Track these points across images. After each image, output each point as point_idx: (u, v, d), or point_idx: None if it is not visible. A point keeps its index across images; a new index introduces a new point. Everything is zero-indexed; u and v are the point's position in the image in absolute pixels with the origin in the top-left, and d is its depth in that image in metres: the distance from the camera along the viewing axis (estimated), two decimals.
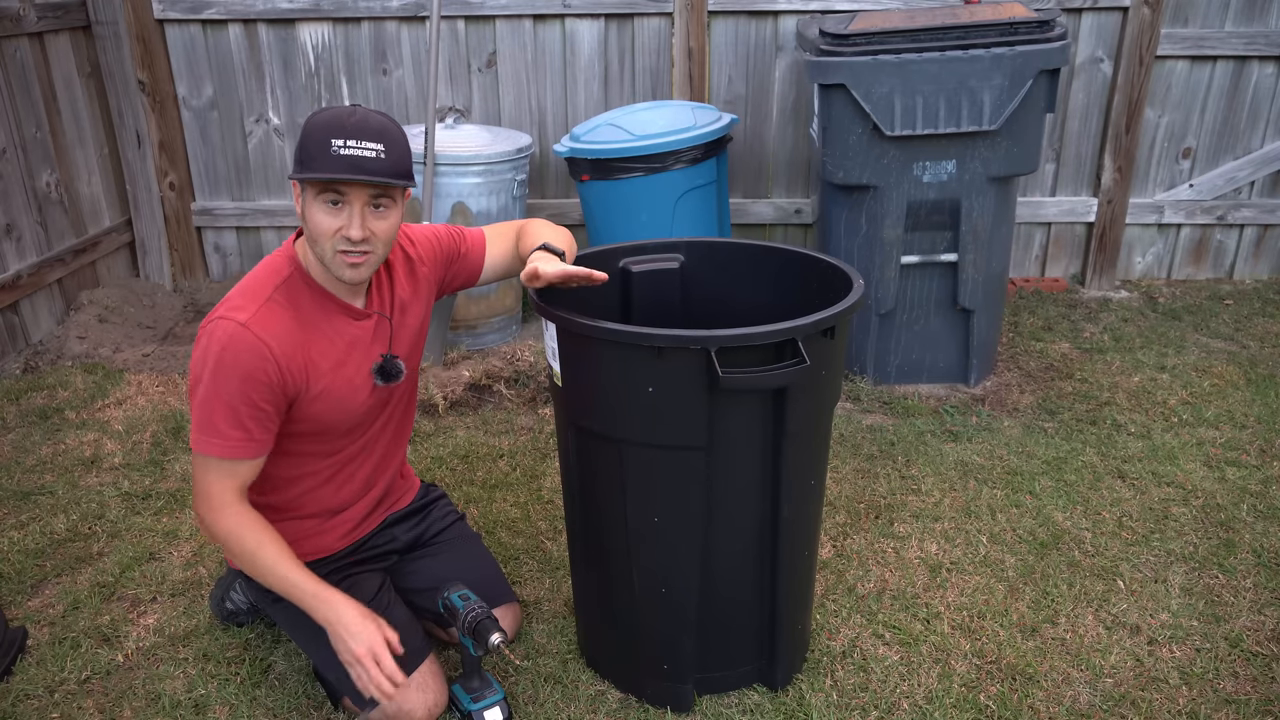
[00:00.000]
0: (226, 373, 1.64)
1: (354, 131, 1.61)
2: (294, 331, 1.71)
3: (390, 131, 1.65)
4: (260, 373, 1.66)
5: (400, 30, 3.92)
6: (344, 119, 1.62)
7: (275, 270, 1.74)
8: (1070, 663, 2.02)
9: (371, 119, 1.64)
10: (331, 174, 1.59)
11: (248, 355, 1.65)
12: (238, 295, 1.71)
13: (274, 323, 1.68)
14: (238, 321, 1.65)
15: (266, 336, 1.66)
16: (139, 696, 1.95)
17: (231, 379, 1.64)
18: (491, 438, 2.97)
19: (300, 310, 1.73)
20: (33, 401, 3.18)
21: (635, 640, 1.90)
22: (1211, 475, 2.71)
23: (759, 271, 2.06)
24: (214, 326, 1.67)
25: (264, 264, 1.77)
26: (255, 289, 1.71)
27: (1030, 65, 2.84)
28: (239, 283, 1.75)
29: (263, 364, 1.66)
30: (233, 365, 1.64)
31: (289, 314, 1.71)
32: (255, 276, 1.74)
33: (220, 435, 1.67)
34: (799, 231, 4.21)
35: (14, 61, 3.45)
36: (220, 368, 1.65)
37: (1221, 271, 4.29)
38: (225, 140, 4.09)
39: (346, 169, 1.59)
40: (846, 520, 2.52)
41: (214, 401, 1.66)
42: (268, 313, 1.68)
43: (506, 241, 2.01)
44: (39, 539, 2.45)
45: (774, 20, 3.88)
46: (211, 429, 1.67)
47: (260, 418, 1.69)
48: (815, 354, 1.62)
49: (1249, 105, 4.01)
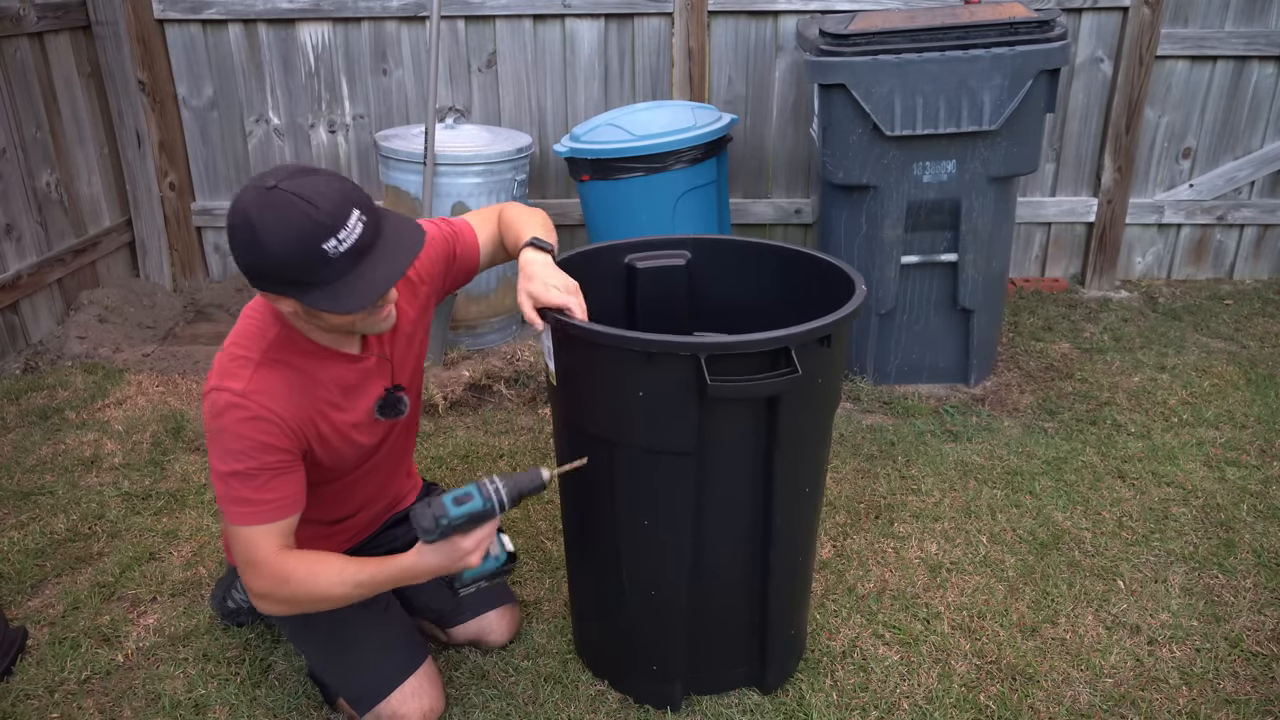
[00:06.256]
0: (236, 445, 1.58)
1: (327, 214, 1.44)
2: (295, 390, 1.63)
3: (335, 183, 1.49)
4: (269, 437, 1.59)
5: (400, 30, 3.92)
6: (302, 210, 1.42)
7: (260, 331, 1.65)
8: (1070, 663, 2.02)
9: (310, 183, 1.45)
10: (368, 299, 1.49)
11: (253, 426, 1.58)
12: (228, 360, 1.63)
13: (271, 386, 1.61)
14: (234, 392, 1.58)
15: (267, 402, 1.59)
16: (139, 696, 1.96)
17: (243, 451, 1.58)
18: (491, 438, 2.97)
19: (295, 367, 1.65)
20: (33, 401, 3.18)
21: (626, 640, 1.91)
22: (1211, 475, 2.71)
23: (764, 270, 2.05)
24: (213, 399, 1.60)
25: (245, 324, 1.67)
26: (242, 354, 1.63)
27: (1030, 65, 2.84)
28: (226, 342, 1.67)
29: (269, 429, 1.59)
30: (241, 437, 1.58)
31: (285, 374, 1.63)
32: (240, 338, 1.66)
33: (251, 504, 1.60)
34: (799, 231, 4.21)
35: (14, 61, 3.45)
36: (229, 441, 1.58)
37: (1221, 271, 4.29)
38: (225, 140, 4.09)
39: (381, 284, 1.49)
40: (846, 520, 2.52)
41: (235, 474, 1.59)
42: (263, 377, 1.61)
43: (490, 229, 1.94)
44: (39, 539, 2.45)
45: (774, 20, 3.88)
46: (241, 500, 1.59)
47: (287, 476, 1.63)
48: (810, 362, 1.60)
49: (1249, 105, 4.01)
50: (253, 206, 1.44)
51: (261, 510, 1.60)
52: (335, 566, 1.64)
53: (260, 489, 1.59)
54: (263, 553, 1.61)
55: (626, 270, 2.05)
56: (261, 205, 1.44)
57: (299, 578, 1.61)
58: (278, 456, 1.61)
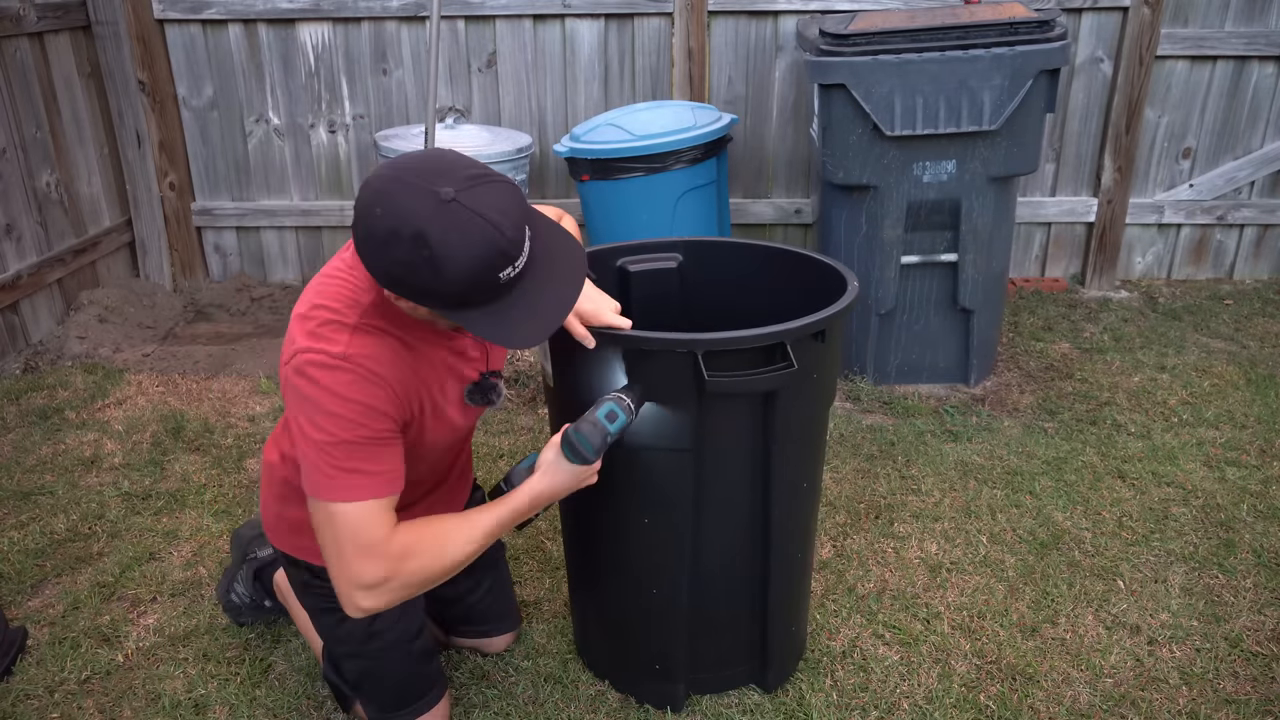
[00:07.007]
0: (341, 409, 1.40)
1: (509, 241, 1.29)
2: (400, 359, 1.47)
3: (510, 195, 1.32)
4: (379, 402, 1.43)
5: (400, 30, 3.92)
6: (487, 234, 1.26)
7: (352, 296, 1.46)
8: (1070, 663, 2.02)
9: (489, 197, 1.28)
10: (538, 335, 1.38)
11: (360, 389, 1.41)
12: (315, 325, 1.44)
13: (376, 351, 1.44)
14: (332, 355, 1.40)
15: (373, 366, 1.42)
16: (139, 696, 1.95)
17: (350, 418, 1.40)
18: (492, 438, 2.97)
19: (395, 335, 1.48)
20: (33, 401, 3.18)
21: (628, 640, 1.91)
22: (1211, 475, 2.71)
23: (757, 271, 2.05)
24: (304, 362, 1.41)
25: (330, 286, 1.48)
26: (334, 318, 1.44)
27: (1030, 65, 2.84)
28: (303, 305, 1.48)
29: (378, 394, 1.42)
30: (347, 401, 1.40)
31: (387, 341, 1.46)
32: (327, 299, 1.46)
33: (365, 474, 1.42)
34: (799, 231, 4.21)
35: (14, 61, 3.45)
36: (332, 404, 1.40)
37: (1221, 271, 4.29)
38: (225, 140, 4.09)
39: (552, 319, 1.37)
40: (846, 520, 2.52)
41: (340, 443, 1.40)
42: (364, 341, 1.43)
43: None
44: (39, 539, 2.45)
45: (774, 20, 3.88)
46: (352, 470, 1.41)
47: (395, 448, 1.47)
48: (805, 357, 1.61)
49: (1249, 105, 4.01)
50: (431, 223, 1.26)
51: (376, 481, 1.43)
52: (459, 526, 1.51)
53: (371, 458, 1.42)
54: (378, 530, 1.43)
55: (619, 274, 2.05)
56: (443, 223, 1.26)
57: (426, 548, 1.47)
58: (387, 424, 1.44)
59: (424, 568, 1.48)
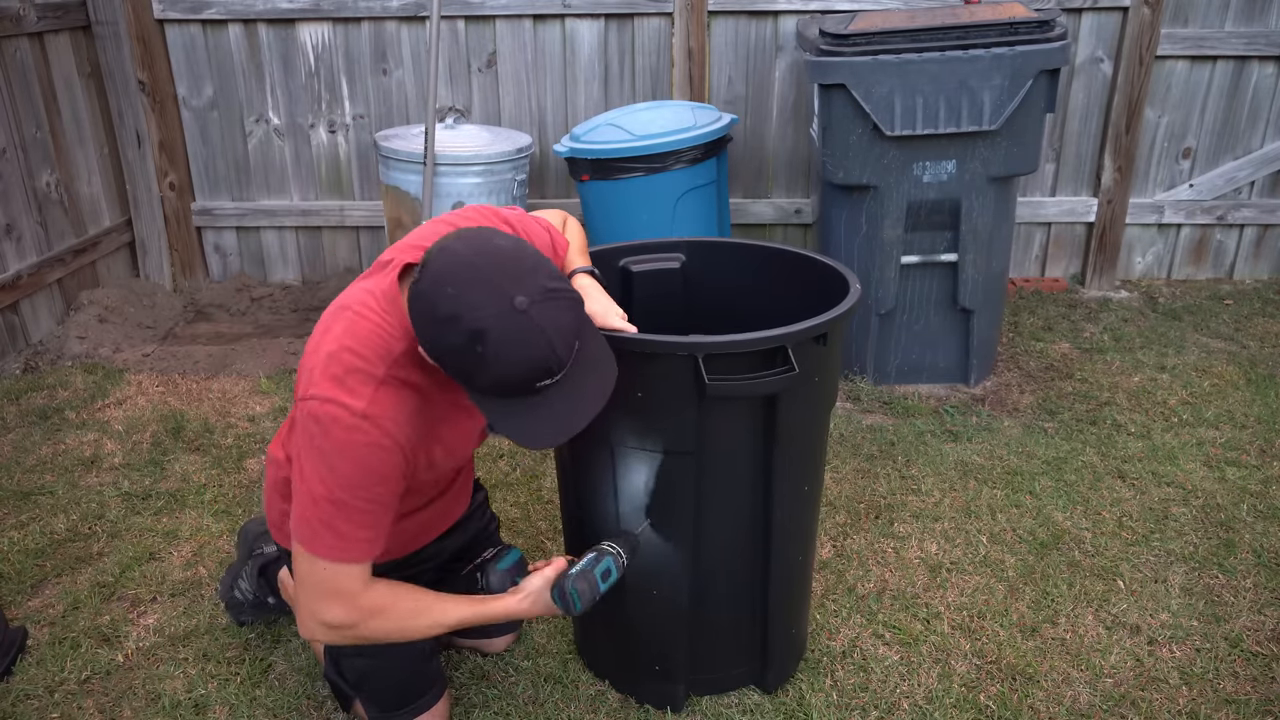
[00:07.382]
0: (349, 471, 1.42)
1: (558, 359, 1.34)
2: (415, 414, 1.49)
3: (571, 309, 1.37)
4: (388, 469, 1.45)
5: (400, 30, 3.92)
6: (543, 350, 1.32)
7: (385, 343, 1.46)
8: (1070, 663, 2.02)
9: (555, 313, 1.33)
10: (554, 439, 1.42)
11: (374, 455, 1.43)
12: (343, 370, 1.43)
13: (395, 410, 1.45)
14: (354, 412, 1.41)
15: (391, 428, 1.44)
16: (139, 696, 1.95)
17: (356, 482, 1.43)
18: (491, 437, 2.96)
19: (414, 387, 1.49)
20: (33, 401, 3.18)
21: (628, 641, 1.91)
22: (1211, 475, 2.71)
23: (759, 272, 2.05)
24: (323, 413, 1.41)
25: (364, 328, 1.47)
26: (364, 367, 1.44)
27: (1030, 65, 2.84)
28: (332, 343, 1.46)
29: (390, 460, 1.45)
30: (359, 465, 1.42)
31: (408, 396, 1.47)
32: (358, 344, 1.45)
33: (346, 540, 1.46)
34: (799, 231, 4.21)
35: (14, 61, 3.45)
36: (341, 465, 1.42)
37: (1221, 271, 4.29)
38: (225, 140, 4.09)
39: (571, 426, 1.42)
40: (846, 520, 2.52)
41: (336, 502, 1.43)
42: (387, 399, 1.44)
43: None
44: (39, 539, 2.45)
45: (774, 20, 3.88)
46: (335, 533, 1.45)
47: (386, 512, 1.50)
48: (807, 360, 1.61)
49: (1249, 105, 4.01)
50: (495, 325, 1.30)
51: (360, 548, 1.47)
52: (433, 607, 1.58)
53: (360, 525, 1.46)
54: (354, 585, 1.49)
55: (621, 274, 2.05)
56: (506, 329, 1.30)
57: (396, 614, 1.53)
58: (388, 489, 1.48)
59: (387, 631, 1.55)
